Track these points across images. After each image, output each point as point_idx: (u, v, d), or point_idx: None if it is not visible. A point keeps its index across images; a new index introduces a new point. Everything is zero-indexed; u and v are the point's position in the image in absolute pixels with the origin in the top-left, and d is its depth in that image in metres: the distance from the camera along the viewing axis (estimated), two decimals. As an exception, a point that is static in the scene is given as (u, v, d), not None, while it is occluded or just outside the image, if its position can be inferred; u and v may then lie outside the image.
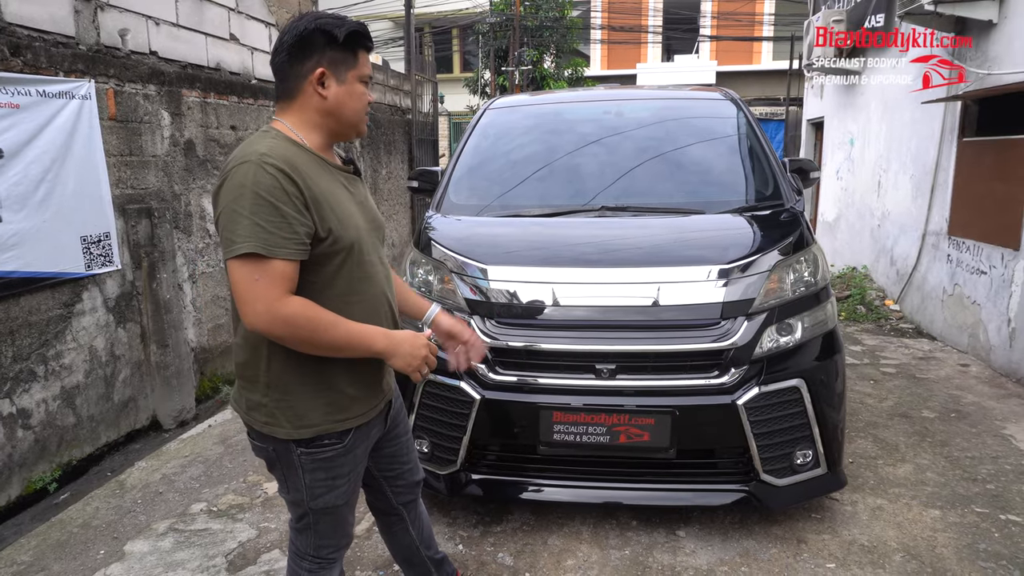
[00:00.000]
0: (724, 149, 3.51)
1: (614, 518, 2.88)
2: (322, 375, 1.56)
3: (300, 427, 1.57)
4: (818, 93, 9.57)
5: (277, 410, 1.56)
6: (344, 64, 1.56)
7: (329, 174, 1.58)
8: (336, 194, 1.56)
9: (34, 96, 3.43)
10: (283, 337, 1.46)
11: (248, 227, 1.41)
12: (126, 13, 4.17)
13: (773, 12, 20.33)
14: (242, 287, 1.43)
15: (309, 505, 1.66)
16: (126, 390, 4.07)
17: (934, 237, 5.80)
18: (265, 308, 1.42)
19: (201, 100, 4.79)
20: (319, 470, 1.62)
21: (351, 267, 1.57)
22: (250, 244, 1.40)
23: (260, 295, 1.42)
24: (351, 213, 1.59)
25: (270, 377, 1.56)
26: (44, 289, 3.52)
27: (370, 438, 1.73)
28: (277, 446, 1.60)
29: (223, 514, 3.06)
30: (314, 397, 1.57)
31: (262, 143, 1.49)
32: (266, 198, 1.41)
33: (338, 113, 1.58)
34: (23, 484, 3.42)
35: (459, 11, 20.63)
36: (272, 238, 1.41)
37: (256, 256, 1.41)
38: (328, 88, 1.55)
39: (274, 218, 1.42)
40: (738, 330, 2.54)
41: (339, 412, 1.60)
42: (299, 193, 1.45)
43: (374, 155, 8.28)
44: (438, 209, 3.35)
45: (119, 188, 4.02)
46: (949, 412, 4.02)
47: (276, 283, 1.42)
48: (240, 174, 1.44)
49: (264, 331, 1.45)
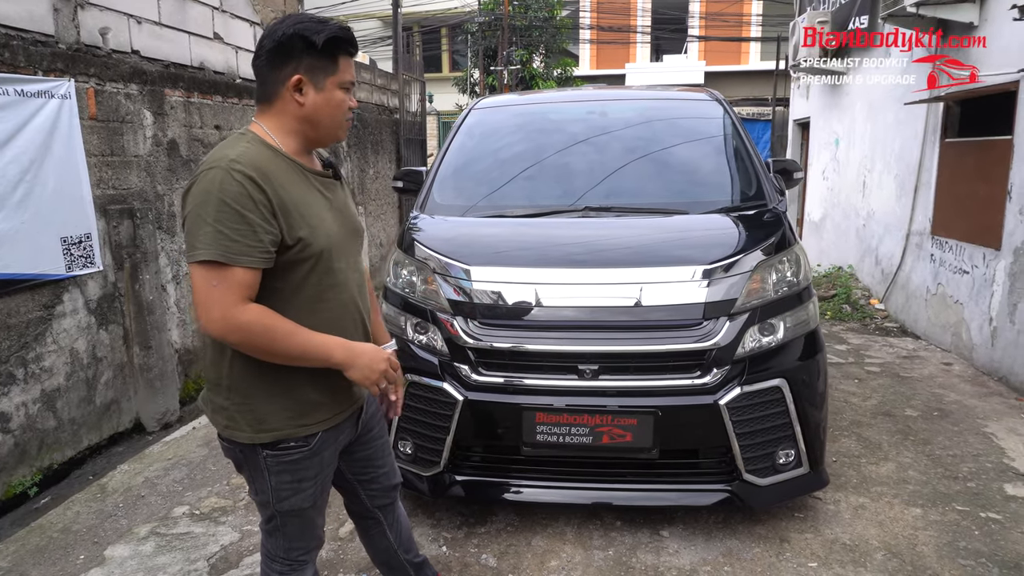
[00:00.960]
0: (708, 150, 3.52)
1: (598, 519, 2.87)
2: (283, 380, 1.55)
3: (260, 431, 1.56)
4: (804, 94, 9.62)
5: (238, 413, 1.56)
6: (323, 71, 1.53)
7: (303, 180, 1.57)
8: (308, 200, 1.55)
9: (12, 95, 3.39)
10: (239, 344, 1.47)
11: (210, 234, 1.41)
12: (107, 12, 4.13)
13: (761, 13, 20.44)
14: (200, 293, 1.43)
15: (275, 507, 1.65)
16: (108, 392, 4.03)
17: (918, 237, 5.85)
18: (221, 315, 1.42)
19: (184, 99, 4.76)
20: (284, 473, 1.61)
21: (319, 274, 1.56)
22: (211, 251, 1.40)
23: (217, 301, 1.42)
24: (323, 220, 1.57)
25: (232, 380, 1.55)
26: (23, 291, 3.48)
27: (339, 442, 1.72)
28: (244, 448, 1.60)
29: (206, 517, 3.04)
30: (274, 401, 1.56)
31: (234, 148, 1.48)
32: (231, 205, 1.41)
33: (315, 120, 1.56)
34: (2, 489, 3.38)
35: (448, 10, 20.62)
36: (235, 246, 1.41)
37: (216, 263, 1.41)
38: (306, 95, 1.53)
39: (238, 225, 1.41)
40: (720, 330, 2.54)
41: (301, 417, 1.59)
42: (266, 201, 1.44)
43: (361, 155, 8.25)
44: (422, 209, 3.34)
45: (100, 188, 3.99)
46: (932, 411, 4.05)
47: (234, 290, 1.42)
48: (208, 179, 1.43)
49: (219, 337, 1.45)
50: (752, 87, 18.94)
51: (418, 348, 2.76)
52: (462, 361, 2.66)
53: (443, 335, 2.71)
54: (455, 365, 2.66)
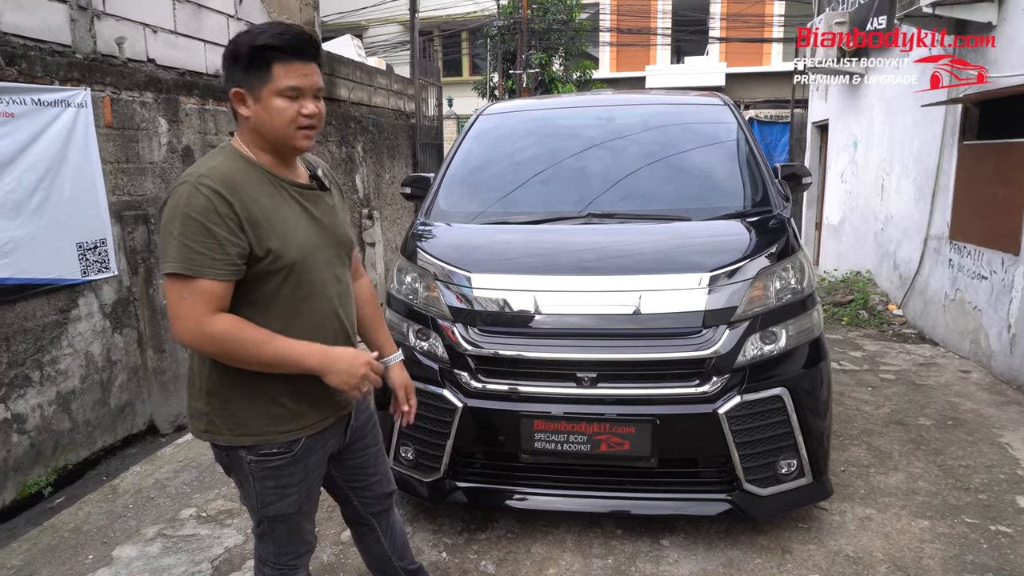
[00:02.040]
0: (714, 155, 3.50)
1: (599, 527, 2.87)
2: (260, 388, 1.58)
3: (240, 435, 1.60)
4: (823, 96, 9.51)
5: (218, 418, 1.60)
6: (258, 80, 1.51)
7: (277, 192, 1.58)
8: (282, 212, 1.56)
9: (29, 105, 3.48)
10: (212, 353, 1.51)
11: (176, 247, 1.45)
12: (123, 21, 4.22)
13: (783, 13, 20.22)
14: (172, 304, 1.48)
15: (261, 513, 1.68)
16: (123, 395, 4.11)
17: (936, 241, 5.75)
18: (193, 326, 1.46)
19: (199, 107, 4.84)
20: (268, 478, 1.64)
21: (292, 285, 1.58)
22: (177, 264, 1.45)
23: (187, 313, 1.46)
24: (296, 231, 1.58)
25: (211, 385, 1.59)
26: (40, 295, 3.56)
27: (326, 448, 1.74)
28: (229, 452, 1.63)
29: (212, 519, 3.08)
30: (254, 407, 1.59)
31: (208, 163, 1.53)
32: (197, 219, 1.45)
33: (263, 131, 1.55)
34: (18, 488, 3.46)
35: (468, 14, 20.67)
36: (200, 259, 1.45)
37: (183, 276, 1.45)
38: (248, 107, 1.54)
39: (204, 239, 1.45)
40: (720, 338, 2.53)
41: (281, 423, 1.61)
42: (233, 214, 1.47)
43: (377, 160, 8.31)
44: (427, 216, 3.36)
45: (116, 195, 4.06)
46: (946, 420, 3.98)
47: (203, 302, 1.46)
48: (177, 195, 1.48)
49: (191, 346, 1.51)
50: (774, 88, 18.74)
51: (420, 354, 2.78)
52: (462, 368, 2.67)
53: (444, 342, 2.72)
54: (455, 372, 2.68)
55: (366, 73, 8.22)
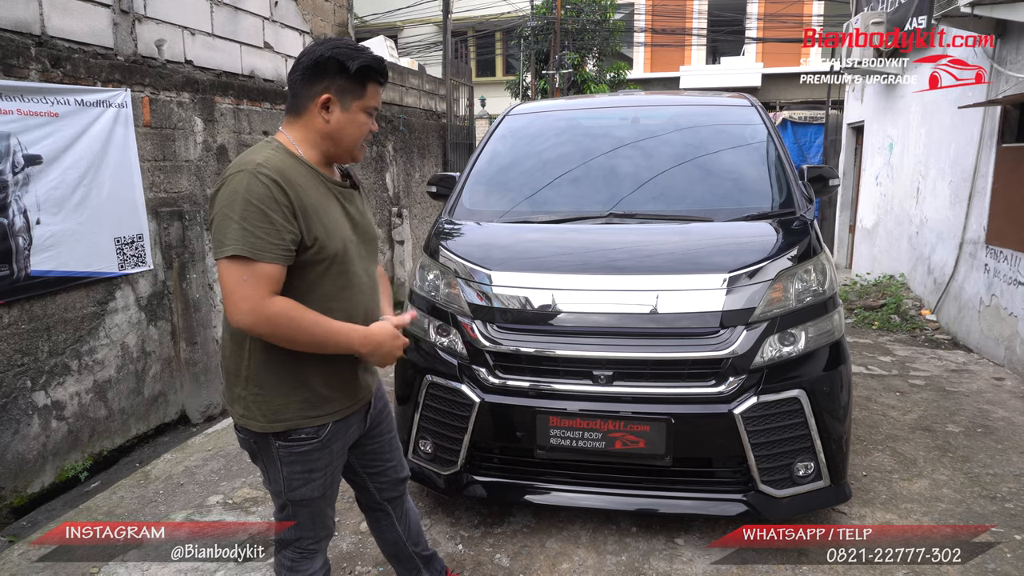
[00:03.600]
0: (738, 156, 3.48)
1: (614, 523, 2.89)
2: (297, 374, 1.65)
3: (274, 421, 1.66)
4: (859, 97, 9.34)
5: (253, 404, 1.66)
6: (351, 94, 1.65)
7: (323, 187, 1.67)
8: (326, 206, 1.65)
9: (72, 105, 3.62)
10: (267, 335, 1.56)
11: (237, 231, 1.51)
12: (163, 24, 4.36)
13: (822, 14, 19.87)
14: (229, 287, 1.53)
15: (287, 496, 1.75)
16: (156, 385, 4.25)
17: (971, 246, 5.62)
18: (250, 308, 1.51)
19: (234, 107, 4.97)
20: (296, 463, 1.71)
21: (334, 275, 1.66)
22: (238, 247, 1.50)
23: (247, 295, 1.51)
24: (339, 225, 1.68)
25: (250, 371, 1.65)
26: (79, 288, 3.71)
27: (348, 435, 1.81)
28: (257, 438, 1.70)
29: (238, 507, 3.18)
30: (288, 394, 1.66)
31: (260, 154, 1.59)
32: (257, 205, 1.51)
33: (337, 137, 1.67)
34: (56, 472, 3.61)
35: (502, 15, 20.74)
36: (260, 243, 1.51)
37: (243, 258, 1.51)
38: (331, 113, 1.64)
39: (263, 224, 1.51)
40: (737, 339, 2.53)
41: (312, 409, 1.68)
42: (288, 203, 1.55)
43: (407, 159, 8.41)
44: (451, 214, 3.41)
45: (152, 192, 4.21)
46: (976, 427, 3.90)
47: (263, 284, 1.52)
48: (235, 182, 1.54)
49: (248, 329, 1.55)
50: (811, 90, 18.39)
51: (440, 350, 2.83)
52: (480, 364, 2.71)
53: (463, 338, 2.77)
54: (473, 368, 2.72)
55: (398, 73, 8.33)
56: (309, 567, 1.86)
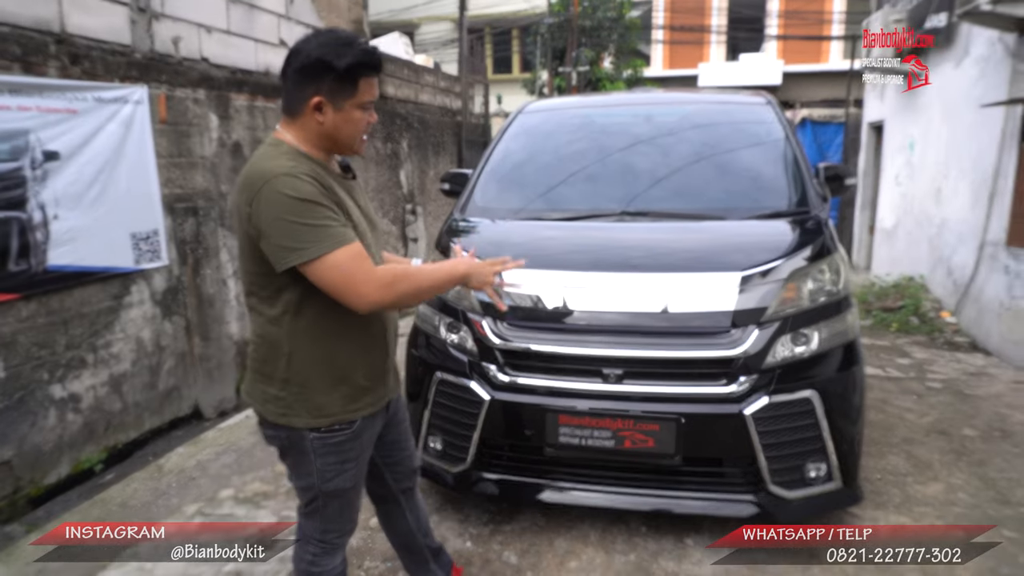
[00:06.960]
0: (752, 155, 3.45)
1: (623, 523, 2.87)
2: (340, 370, 1.70)
3: (318, 417, 1.70)
4: (879, 95, 9.22)
5: (296, 402, 1.69)
6: (343, 93, 1.62)
7: (336, 181, 1.70)
8: (342, 197, 1.69)
9: (90, 102, 3.66)
10: (394, 302, 1.61)
11: (312, 231, 1.52)
12: (179, 22, 4.40)
13: (844, 10, 19.64)
14: (342, 279, 1.54)
15: (320, 488, 1.77)
16: (170, 379, 4.29)
17: (992, 247, 5.53)
18: (374, 285, 1.56)
19: (249, 103, 5.00)
20: (330, 454, 1.73)
21: None
22: (324, 245, 1.52)
23: (363, 278, 1.55)
24: (357, 218, 1.71)
25: (289, 374, 1.68)
26: (95, 282, 3.75)
27: (375, 426, 1.85)
28: (291, 434, 1.72)
29: (248, 501, 3.21)
30: (330, 391, 1.70)
31: (278, 160, 1.59)
32: (311, 200, 1.54)
33: (335, 136, 1.67)
34: (72, 463, 3.65)
35: (519, 12, 20.70)
36: (336, 229, 1.55)
37: (335, 250, 1.53)
38: (325, 115, 1.63)
39: (327, 214, 1.56)
40: (748, 338, 2.50)
41: (352, 402, 1.73)
42: (327, 196, 1.59)
43: (422, 156, 8.43)
44: (463, 211, 3.41)
45: (168, 188, 4.25)
46: (993, 431, 3.84)
47: (364, 262, 1.56)
48: (277, 187, 1.52)
49: (379, 305, 1.58)
50: (832, 87, 18.19)
51: (450, 347, 2.83)
52: (490, 361, 2.71)
53: (473, 335, 2.77)
54: (483, 365, 2.72)
55: (413, 71, 8.35)
56: (330, 562, 1.88)
